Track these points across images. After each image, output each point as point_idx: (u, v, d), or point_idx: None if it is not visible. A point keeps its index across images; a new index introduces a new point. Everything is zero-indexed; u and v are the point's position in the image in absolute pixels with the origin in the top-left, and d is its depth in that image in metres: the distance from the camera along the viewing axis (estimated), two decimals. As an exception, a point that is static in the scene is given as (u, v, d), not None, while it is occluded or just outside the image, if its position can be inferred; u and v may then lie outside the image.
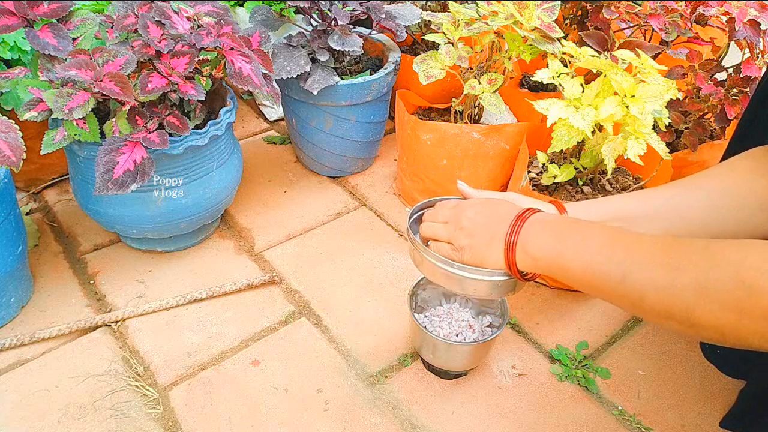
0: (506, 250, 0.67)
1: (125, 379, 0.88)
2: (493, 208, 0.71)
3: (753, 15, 1.04)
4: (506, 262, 0.67)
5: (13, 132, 0.76)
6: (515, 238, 0.66)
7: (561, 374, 0.91)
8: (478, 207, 0.72)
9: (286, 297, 1.03)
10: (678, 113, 1.09)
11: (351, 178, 1.30)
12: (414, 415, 0.85)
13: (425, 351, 0.88)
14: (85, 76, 0.81)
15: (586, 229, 0.63)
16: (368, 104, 1.18)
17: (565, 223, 0.66)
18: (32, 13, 0.85)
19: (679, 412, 0.87)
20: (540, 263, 0.65)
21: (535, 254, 0.65)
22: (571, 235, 0.63)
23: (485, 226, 0.69)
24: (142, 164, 0.85)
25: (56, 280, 1.04)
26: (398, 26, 1.12)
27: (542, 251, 0.64)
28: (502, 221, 0.68)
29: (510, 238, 0.66)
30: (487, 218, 0.70)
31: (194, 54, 0.88)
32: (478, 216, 0.71)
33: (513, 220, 0.67)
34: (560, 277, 0.64)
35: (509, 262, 0.67)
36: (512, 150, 1.09)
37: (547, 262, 0.64)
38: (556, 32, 0.99)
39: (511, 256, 0.67)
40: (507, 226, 0.67)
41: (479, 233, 0.69)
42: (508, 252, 0.67)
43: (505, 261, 0.67)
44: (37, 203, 1.20)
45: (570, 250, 0.62)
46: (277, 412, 0.85)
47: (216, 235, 1.15)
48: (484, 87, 1.02)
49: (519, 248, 0.66)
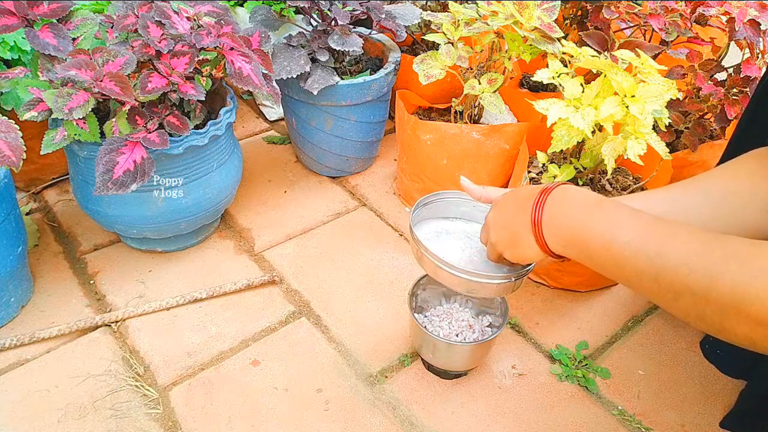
0: (534, 233, 0.64)
1: (125, 379, 0.88)
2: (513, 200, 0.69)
3: (753, 15, 1.04)
4: (540, 247, 0.64)
5: (13, 132, 0.76)
6: (539, 216, 0.63)
7: (561, 374, 0.91)
8: (501, 205, 0.70)
9: (286, 297, 1.03)
10: (678, 113, 1.09)
11: (351, 178, 1.30)
12: (414, 415, 0.85)
13: (425, 351, 0.88)
14: (85, 76, 0.81)
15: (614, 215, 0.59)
16: (368, 104, 1.18)
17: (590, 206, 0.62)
18: (32, 13, 0.85)
19: (679, 412, 0.87)
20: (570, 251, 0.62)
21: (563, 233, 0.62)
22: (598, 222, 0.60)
23: (510, 221, 0.68)
24: (142, 164, 0.85)
25: (56, 280, 1.04)
26: (398, 26, 1.12)
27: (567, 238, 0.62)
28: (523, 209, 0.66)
29: (534, 220, 0.64)
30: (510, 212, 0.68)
31: (194, 54, 0.88)
32: (501, 214, 0.70)
33: (533, 203, 0.64)
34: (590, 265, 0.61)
35: (542, 246, 0.64)
36: (512, 150, 1.09)
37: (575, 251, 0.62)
38: (556, 32, 0.99)
39: (541, 239, 0.64)
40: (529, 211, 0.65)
41: (507, 230, 0.68)
42: (536, 235, 0.64)
43: (540, 247, 0.65)
44: (37, 203, 1.20)
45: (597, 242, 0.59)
46: (277, 412, 0.85)
47: (216, 235, 1.15)
48: (484, 87, 1.02)
49: (546, 229, 0.63)
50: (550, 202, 0.64)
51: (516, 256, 0.69)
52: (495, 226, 0.70)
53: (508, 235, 0.68)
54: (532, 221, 0.64)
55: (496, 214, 0.71)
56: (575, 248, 0.62)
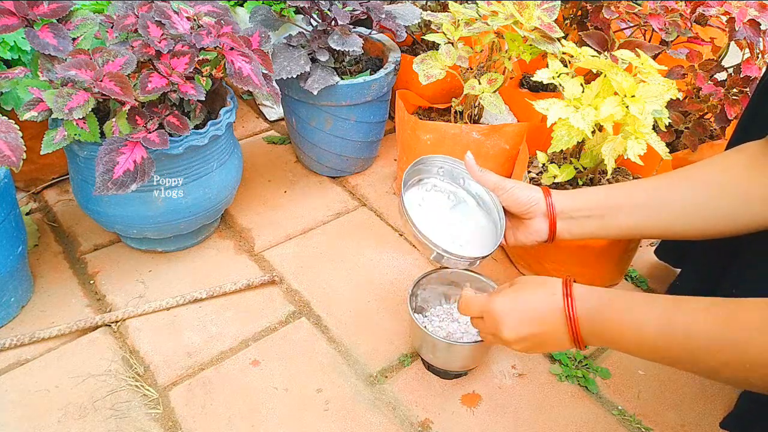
0: (574, 342, 0.66)
1: (125, 379, 0.88)
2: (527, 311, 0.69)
3: (753, 15, 1.04)
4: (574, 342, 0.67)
5: (13, 132, 0.76)
6: (578, 331, 0.66)
7: (561, 374, 0.91)
8: (512, 320, 0.69)
9: (286, 297, 1.03)
10: (678, 113, 1.09)
11: (351, 178, 1.30)
12: (414, 415, 0.85)
13: (425, 351, 0.88)
14: (85, 76, 0.80)
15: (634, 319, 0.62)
16: (368, 104, 1.18)
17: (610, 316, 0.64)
18: (32, 13, 0.85)
19: (679, 412, 0.87)
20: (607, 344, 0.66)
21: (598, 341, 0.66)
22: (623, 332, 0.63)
23: (534, 335, 0.68)
24: (142, 164, 0.85)
25: (56, 280, 1.04)
26: (398, 26, 1.12)
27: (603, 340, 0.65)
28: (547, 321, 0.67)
29: (574, 335, 0.66)
30: (531, 325, 0.68)
31: (194, 54, 0.88)
32: (519, 329, 0.69)
33: (564, 318, 0.66)
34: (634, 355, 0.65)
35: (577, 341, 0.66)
36: (512, 150, 1.09)
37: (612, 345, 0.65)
38: (556, 32, 0.99)
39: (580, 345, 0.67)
40: (560, 324, 0.66)
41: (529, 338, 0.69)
42: (576, 344, 0.67)
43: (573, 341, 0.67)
44: (37, 203, 1.20)
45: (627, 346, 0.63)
46: (277, 412, 0.85)
47: (216, 235, 1.15)
48: (484, 87, 1.02)
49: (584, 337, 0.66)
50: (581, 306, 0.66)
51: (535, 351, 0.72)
52: (514, 341, 0.69)
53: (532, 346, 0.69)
54: (571, 337, 0.66)
55: (509, 329, 0.69)
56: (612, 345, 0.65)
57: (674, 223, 0.75)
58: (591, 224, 0.80)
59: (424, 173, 0.91)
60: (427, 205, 0.89)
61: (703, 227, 0.75)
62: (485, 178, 0.83)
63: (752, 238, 0.73)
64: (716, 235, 0.75)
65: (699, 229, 0.75)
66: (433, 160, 0.91)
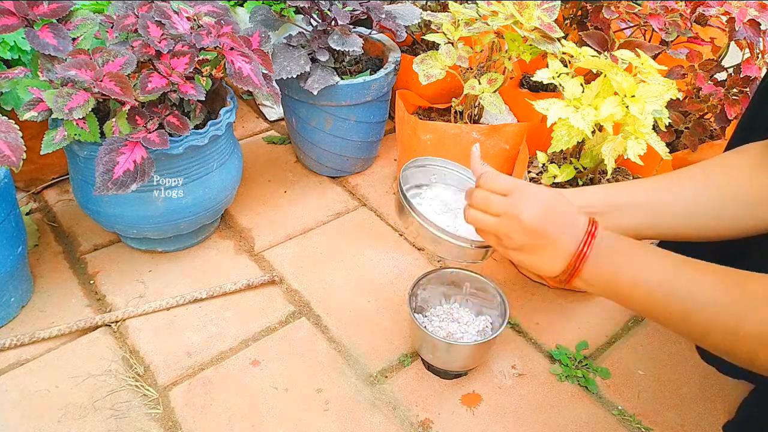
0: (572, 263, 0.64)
1: (125, 379, 0.88)
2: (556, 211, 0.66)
3: (753, 15, 1.04)
4: (565, 273, 0.65)
5: (13, 132, 0.76)
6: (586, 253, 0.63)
7: (561, 374, 0.91)
8: (539, 208, 0.65)
9: (286, 297, 1.03)
10: (678, 113, 1.09)
11: (351, 178, 1.30)
12: (414, 415, 0.85)
13: (425, 351, 0.88)
14: (85, 76, 0.81)
15: (644, 258, 0.62)
16: (368, 104, 1.18)
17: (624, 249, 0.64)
18: (32, 13, 0.85)
19: (679, 412, 0.87)
20: (595, 288, 0.65)
21: (592, 281, 0.64)
22: (630, 264, 0.62)
23: (548, 234, 0.65)
24: (142, 164, 0.85)
25: (56, 280, 1.04)
26: (398, 26, 1.12)
27: (600, 279, 0.64)
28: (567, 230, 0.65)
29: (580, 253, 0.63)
30: (553, 224, 0.65)
31: (194, 54, 0.88)
32: (542, 220, 0.65)
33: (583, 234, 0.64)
34: (615, 300, 0.64)
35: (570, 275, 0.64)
36: (512, 150, 1.09)
37: (602, 288, 0.64)
38: (556, 32, 0.99)
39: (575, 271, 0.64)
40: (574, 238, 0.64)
41: (540, 239, 0.65)
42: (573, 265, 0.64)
43: (562, 271, 0.65)
44: (37, 203, 1.20)
45: (627, 282, 0.62)
46: (277, 412, 0.85)
47: (216, 235, 1.15)
48: (484, 87, 1.02)
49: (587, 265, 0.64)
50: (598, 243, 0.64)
51: (528, 261, 0.67)
52: (529, 227, 0.65)
53: (538, 244, 0.65)
54: (578, 253, 0.63)
55: (533, 213, 0.65)
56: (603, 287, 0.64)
57: (675, 224, 0.75)
58: None
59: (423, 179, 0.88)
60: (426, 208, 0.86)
61: (704, 229, 0.74)
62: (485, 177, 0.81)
63: (761, 240, 0.73)
64: (719, 238, 0.74)
65: (700, 231, 0.75)
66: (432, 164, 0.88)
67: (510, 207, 0.66)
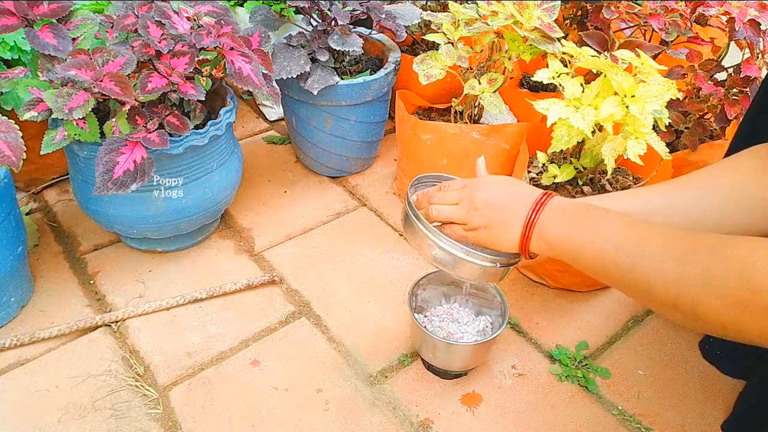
0: (524, 231, 0.67)
1: (125, 379, 0.88)
2: (510, 188, 0.71)
3: (753, 15, 1.04)
4: (521, 242, 0.68)
5: (13, 132, 0.76)
6: (535, 219, 0.66)
7: (561, 374, 0.91)
8: (494, 186, 0.72)
9: (286, 297, 1.03)
10: (678, 113, 1.09)
11: (351, 178, 1.30)
12: (414, 415, 0.85)
13: (425, 351, 0.88)
14: (85, 76, 0.81)
15: (602, 216, 0.64)
16: (368, 104, 1.18)
17: (582, 210, 0.66)
18: (32, 13, 0.85)
19: (679, 412, 0.87)
20: (554, 248, 0.66)
21: (551, 239, 0.66)
22: (586, 221, 0.64)
23: (502, 206, 0.69)
24: (142, 164, 0.85)
25: (56, 280, 1.04)
26: (398, 26, 1.12)
27: (558, 237, 0.65)
28: (519, 201, 0.69)
29: (529, 219, 0.67)
30: (505, 197, 0.70)
31: (194, 54, 0.88)
32: (495, 195, 0.70)
33: (533, 203, 0.67)
34: (571, 262, 0.65)
35: (524, 243, 0.67)
36: (512, 150, 1.09)
37: (560, 248, 0.65)
38: (556, 32, 0.99)
39: (527, 238, 0.67)
40: (526, 207, 0.67)
41: (496, 212, 0.69)
42: (525, 233, 0.67)
43: (520, 242, 0.68)
44: (37, 203, 1.20)
45: (583, 237, 0.63)
46: (277, 412, 0.85)
47: (216, 235, 1.15)
48: (484, 87, 1.02)
49: (536, 231, 0.67)
50: (548, 210, 0.67)
51: (489, 238, 0.70)
52: (483, 204, 0.70)
53: (494, 218, 0.69)
54: (527, 220, 0.67)
55: (487, 192, 0.71)
56: (560, 250, 0.65)
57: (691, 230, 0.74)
58: None
59: None
60: None
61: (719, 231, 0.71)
62: None
63: None
64: None
65: None
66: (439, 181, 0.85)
67: (465, 192, 0.73)
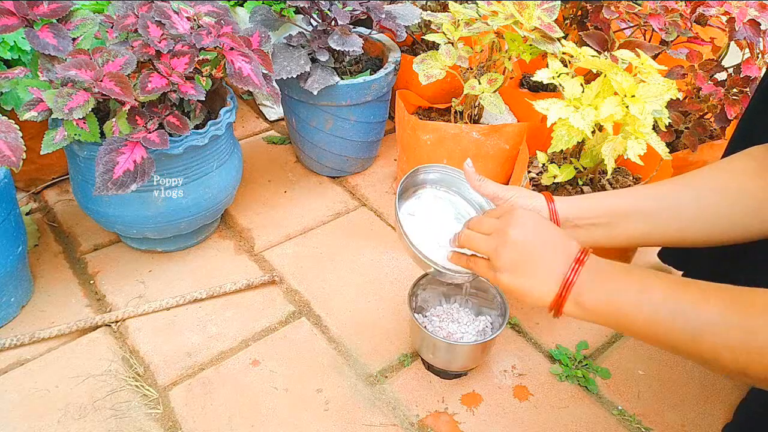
0: (560, 292, 0.62)
1: (125, 379, 0.88)
2: (545, 232, 0.65)
3: (753, 15, 1.04)
4: (554, 302, 0.63)
5: (13, 132, 0.76)
6: (574, 279, 0.62)
7: (561, 374, 0.91)
8: (529, 224, 0.65)
9: (286, 297, 1.03)
10: (678, 113, 1.09)
11: (351, 178, 1.30)
12: (414, 415, 0.85)
13: (425, 351, 0.88)
14: (85, 76, 0.81)
15: (643, 278, 0.60)
16: (368, 104, 1.18)
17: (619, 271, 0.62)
18: (32, 13, 0.85)
19: (679, 412, 0.87)
20: (592, 313, 0.62)
21: (589, 305, 0.61)
22: (629, 285, 0.60)
23: (534, 252, 0.64)
24: (142, 164, 0.85)
25: (56, 280, 1.04)
26: (398, 26, 1.12)
27: (599, 302, 0.61)
28: (554, 252, 0.64)
29: (567, 279, 0.62)
30: (538, 242, 0.64)
31: (194, 54, 0.88)
32: (528, 235, 0.64)
33: (572, 260, 0.63)
34: (616, 328, 0.62)
35: (558, 303, 0.63)
36: (512, 150, 1.09)
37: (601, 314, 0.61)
38: (556, 32, 0.99)
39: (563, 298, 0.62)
40: (562, 263, 0.63)
41: (526, 257, 0.64)
42: (561, 293, 0.62)
43: (553, 301, 0.63)
44: (37, 203, 1.20)
45: (630, 304, 0.59)
46: (277, 412, 0.85)
47: (216, 235, 1.15)
48: (484, 87, 1.02)
49: (572, 295, 0.62)
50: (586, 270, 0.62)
51: (513, 286, 0.65)
52: (514, 243, 0.65)
53: (522, 263, 0.64)
54: (565, 279, 0.62)
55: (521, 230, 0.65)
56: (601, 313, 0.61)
57: (683, 230, 0.73)
58: (597, 232, 0.77)
59: (419, 184, 0.87)
60: (422, 217, 0.84)
61: (711, 233, 0.72)
62: (484, 188, 0.78)
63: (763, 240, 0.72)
64: (726, 242, 0.73)
65: (708, 236, 0.73)
66: (428, 169, 0.86)
67: (500, 224, 0.67)
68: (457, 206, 0.86)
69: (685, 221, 0.73)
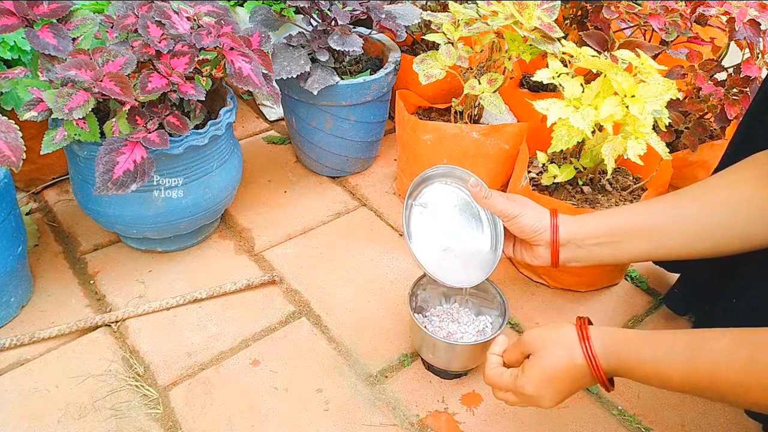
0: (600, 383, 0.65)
1: (125, 379, 0.88)
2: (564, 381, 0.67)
3: (753, 15, 1.04)
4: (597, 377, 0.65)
5: (13, 132, 0.76)
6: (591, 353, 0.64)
7: (561, 374, 0.91)
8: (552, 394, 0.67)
9: (286, 297, 1.03)
10: (678, 113, 1.09)
11: (351, 178, 1.30)
12: (414, 415, 0.85)
13: (425, 351, 0.88)
14: (85, 76, 0.81)
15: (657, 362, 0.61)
16: (368, 104, 1.18)
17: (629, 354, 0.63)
18: (32, 13, 0.85)
19: (679, 412, 0.87)
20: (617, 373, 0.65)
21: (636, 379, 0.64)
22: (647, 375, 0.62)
23: (569, 394, 0.67)
24: (142, 164, 0.85)
25: (56, 280, 1.04)
26: (398, 26, 1.12)
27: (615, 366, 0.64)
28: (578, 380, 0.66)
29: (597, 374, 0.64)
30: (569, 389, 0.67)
31: (194, 54, 0.88)
32: (559, 397, 0.67)
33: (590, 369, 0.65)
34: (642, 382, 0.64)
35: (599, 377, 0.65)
36: (512, 150, 1.09)
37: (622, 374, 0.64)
38: (556, 32, 0.99)
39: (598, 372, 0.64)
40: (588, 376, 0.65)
41: (565, 398, 0.68)
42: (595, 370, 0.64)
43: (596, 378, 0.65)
44: (37, 203, 1.20)
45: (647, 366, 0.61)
46: (277, 412, 0.85)
47: (216, 235, 1.15)
48: (484, 87, 1.02)
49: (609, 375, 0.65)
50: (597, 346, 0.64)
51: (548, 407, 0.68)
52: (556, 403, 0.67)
53: (567, 396, 0.67)
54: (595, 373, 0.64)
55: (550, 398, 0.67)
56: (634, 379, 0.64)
57: (689, 244, 0.73)
58: (601, 251, 0.78)
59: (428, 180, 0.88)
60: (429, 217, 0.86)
61: (717, 245, 0.72)
62: (491, 205, 0.80)
63: None
64: (736, 252, 0.72)
65: (714, 248, 0.73)
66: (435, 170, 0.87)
67: (529, 404, 0.69)
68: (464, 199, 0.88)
69: (690, 235, 0.72)
